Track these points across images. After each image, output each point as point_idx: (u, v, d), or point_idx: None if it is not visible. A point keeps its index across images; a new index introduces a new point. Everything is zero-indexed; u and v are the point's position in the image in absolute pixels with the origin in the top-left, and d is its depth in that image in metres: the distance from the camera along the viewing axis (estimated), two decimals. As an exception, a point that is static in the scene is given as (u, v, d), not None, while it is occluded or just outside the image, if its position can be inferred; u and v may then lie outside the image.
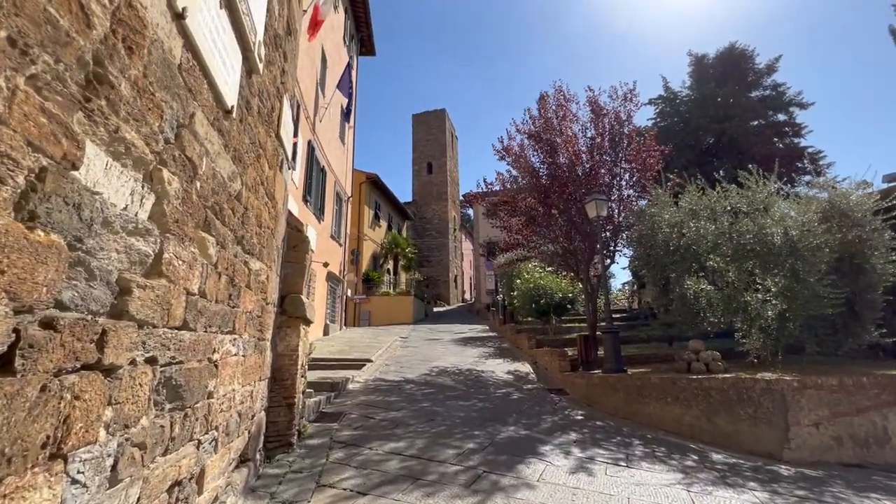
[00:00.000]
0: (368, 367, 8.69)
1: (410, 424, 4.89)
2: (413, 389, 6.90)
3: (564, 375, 7.88)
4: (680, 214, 7.62)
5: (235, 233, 2.44)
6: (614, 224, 9.44)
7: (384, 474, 3.36)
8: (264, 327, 3.32)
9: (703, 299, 7.32)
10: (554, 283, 12.21)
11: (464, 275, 41.92)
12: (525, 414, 5.77)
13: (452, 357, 10.43)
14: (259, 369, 3.20)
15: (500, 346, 12.37)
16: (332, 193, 14.85)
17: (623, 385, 6.38)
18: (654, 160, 9.37)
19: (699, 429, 5.47)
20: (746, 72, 19.52)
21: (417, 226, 36.92)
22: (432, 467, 3.56)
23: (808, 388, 5.27)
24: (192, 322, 1.83)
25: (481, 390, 7.10)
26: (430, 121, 38.57)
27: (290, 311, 3.96)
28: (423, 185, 37.82)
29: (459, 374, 8.49)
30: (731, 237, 7.03)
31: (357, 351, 10.54)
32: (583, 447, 4.42)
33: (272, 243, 3.43)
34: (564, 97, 10.04)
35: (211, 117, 1.94)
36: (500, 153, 10.38)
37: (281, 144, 3.62)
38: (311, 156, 12.21)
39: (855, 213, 6.65)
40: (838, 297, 6.33)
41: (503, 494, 3.06)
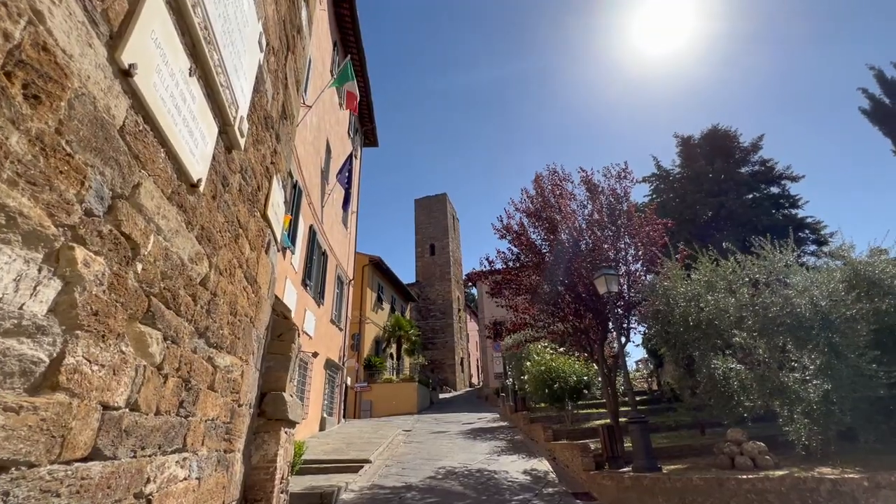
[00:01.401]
0: (366, 470, 7.69)
1: (412, 550, 4.03)
2: (416, 499, 5.96)
3: (589, 475, 6.89)
4: (695, 287, 7.22)
5: (196, 324, 2.07)
6: (625, 300, 9.00)
7: None
8: (234, 436, 2.79)
9: (734, 380, 6.65)
10: (567, 366, 11.40)
11: (470, 357, 40.30)
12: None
13: (461, 454, 9.34)
14: (222, 492, 2.61)
15: (512, 439, 11.20)
16: (333, 277, 14.65)
17: (661, 488, 5.47)
18: (658, 233, 9.22)
19: (761, 546, 4.53)
20: (732, 150, 20.36)
21: (421, 307, 36.35)
22: None
23: (882, 487, 4.44)
24: (110, 447, 1.38)
25: (494, 497, 6.12)
26: (432, 204, 39.88)
27: (269, 413, 3.42)
28: (426, 266, 37.98)
29: (469, 476, 7.47)
30: (756, 310, 6.55)
31: (355, 449, 9.49)
32: (625, 579, 3.55)
33: (250, 334, 3.03)
34: (559, 177, 10.21)
35: (167, 190, 1.68)
36: (501, 232, 10.30)
37: (269, 225, 3.39)
38: (313, 240, 12.20)
39: (885, 280, 6.24)
40: (890, 375, 5.68)
41: None
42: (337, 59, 15.22)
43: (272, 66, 3.24)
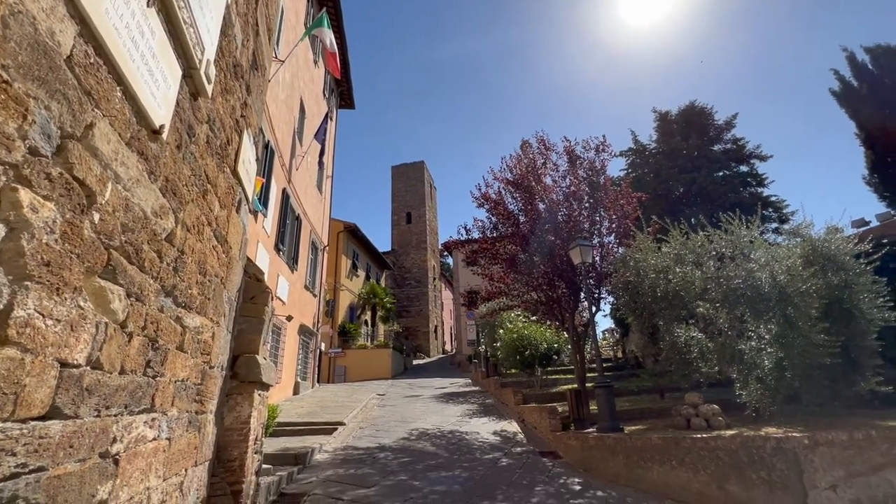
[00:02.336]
0: (340, 432, 7.82)
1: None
2: (389, 458, 6.12)
3: (556, 435, 7.23)
4: (665, 260, 7.45)
5: (163, 282, 1.96)
6: (597, 271, 9.23)
7: (350, 584, 2.68)
8: (205, 397, 2.73)
9: (694, 348, 6.99)
10: (538, 333, 11.73)
11: (444, 325, 40.96)
12: (516, 486, 5.09)
13: (433, 416, 9.61)
14: (194, 452, 2.58)
15: (484, 403, 11.58)
16: (307, 242, 14.36)
17: (622, 447, 5.80)
18: (632, 207, 9.39)
19: (710, 497, 4.90)
20: (707, 127, 20.70)
21: (396, 275, 36.36)
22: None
23: (820, 445, 4.84)
24: (71, 406, 1.31)
25: (466, 456, 6.37)
26: (409, 172, 39.23)
27: (242, 375, 3.37)
28: (403, 234, 37.74)
29: (441, 436, 7.71)
30: (719, 282, 6.84)
31: (329, 412, 9.61)
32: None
33: (221, 295, 2.93)
34: (545, 145, 10.16)
35: (126, 135, 1.54)
36: (479, 200, 10.26)
37: (239, 183, 3.22)
38: (286, 203, 11.83)
39: (839, 256, 6.59)
40: (834, 344, 6.10)
41: None
42: (312, 13, 14.34)
43: (241, 9, 2.99)
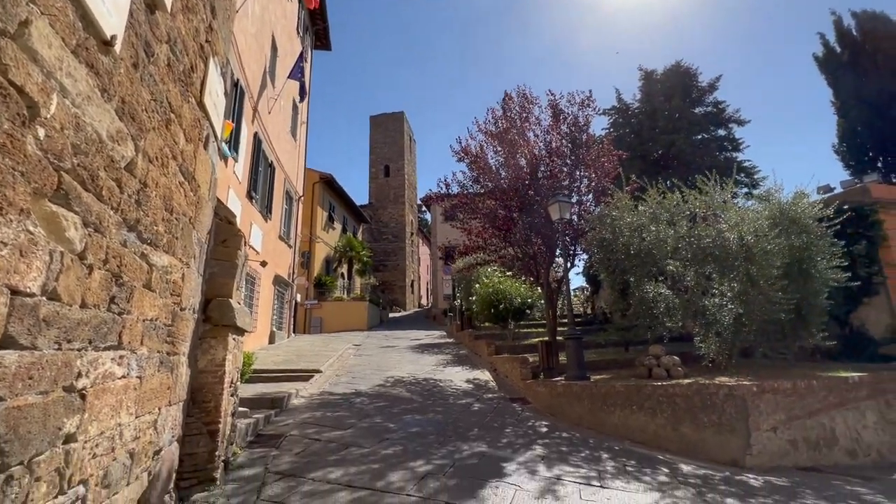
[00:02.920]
0: (317, 379, 7.96)
1: (361, 445, 4.31)
2: (365, 403, 6.30)
3: (526, 384, 7.58)
4: (641, 218, 7.58)
5: (124, 215, 1.83)
6: (574, 228, 9.35)
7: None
8: (177, 339, 2.67)
9: (661, 304, 7.28)
10: (513, 288, 11.98)
11: (421, 280, 41.37)
12: (487, 427, 5.36)
13: (408, 365, 9.88)
14: (167, 392, 2.55)
15: (458, 353, 11.96)
16: (281, 191, 13.89)
17: (588, 393, 6.14)
18: (612, 165, 9.40)
19: (665, 438, 5.30)
20: (690, 89, 20.57)
21: (374, 229, 36.02)
22: (387, 499, 3.04)
23: (766, 392, 5.25)
24: (27, 336, 1.23)
25: (439, 402, 6.62)
26: (388, 123, 37.90)
27: (215, 319, 3.31)
28: (380, 187, 37.01)
29: (416, 384, 7.97)
30: (691, 241, 7.05)
31: (305, 360, 9.73)
32: (551, 464, 4.06)
33: (190, 235, 2.80)
34: (527, 99, 9.89)
35: (71, 41, 1.36)
36: (459, 154, 10.05)
37: (206, 116, 2.99)
38: (258, 149, 11.28)
39: (803, 219, 6.86)
40: (790, 302, 6.48)
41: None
42: (283, -64, 13.03)
43: (202, -87, 2.65)
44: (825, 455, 5.43)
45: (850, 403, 5.89)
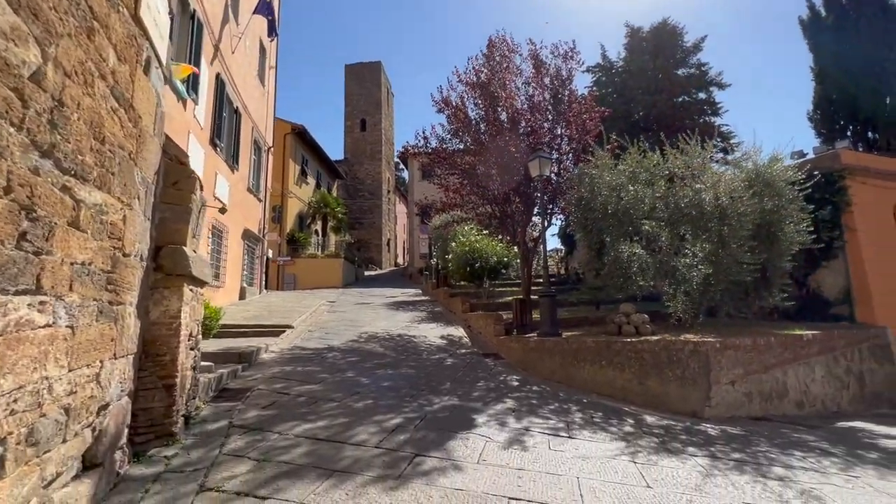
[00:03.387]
0: (288, 335, 7.82)
1: (331, 399, 4.25)
2: (337, 358, 6.23)
3: (499, 340, 7.67)
4: (620, 177, 7.49)
5: (33, 136, 1.54)
6: (553, 186, 9.22)
7: (285, 466, 2.71)
8: (120, 287, 2.43)
9: (635, 263, 7.35)
10: (490, 247, 11.94)
11: (397, 238, 41.07)
12: (459, 381, 5.40)
13: (383, 322, 9.85)
14: (111, 344, 2.34)
15: (432, 311, 12.01)
16: (248, 140, 13.10)
17: (559, 349, 6.24)
18: (594, 122, 9.19)
19: (631, 391, 5.48)
20: (675, 49, 20.16)
21: (349, 185, 35.06)
22: (348, 452, 2.98)
23: (728, 348, 5.44)
24: None
25: (412, 357, 6.62)
26: (365, 73, 36.01)
27: (168, 268, 3.05)
28: (356, 142, 35.68)
29: (390, 339, 7.95)
30: (668, 201, 7.05)
31: (277, 316, 9.54)
32: (521, 416, 4.11)
33: (131, 173, 2.48)
34: (508, 48, 9.41)
35: None
36: (439, 104, 9.59)
37: (145, 35, 2.59)
38: (221, 92, 10.46)
39: (777, 182, 6.92)
40: (757, 263, 6.64)
41: (429, 481, 2.58)
42: None
43: None
44: (776, 406, 5.76)
45: (803, 359, 6.21)
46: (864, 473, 3.21)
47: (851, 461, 3.51)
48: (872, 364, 7.07)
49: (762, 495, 2.65)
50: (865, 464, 3.47)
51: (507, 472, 2.77)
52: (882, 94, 15.82)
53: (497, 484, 2.58)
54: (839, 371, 6.55)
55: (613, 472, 2.85)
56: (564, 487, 2.57)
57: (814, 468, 3.24)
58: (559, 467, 2.90)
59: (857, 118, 16.58)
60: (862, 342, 7.05)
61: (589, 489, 2.58)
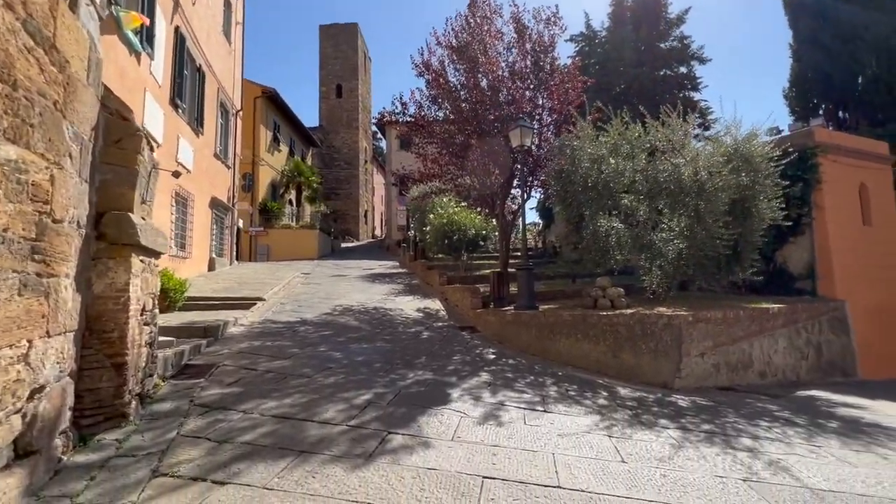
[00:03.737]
0: (259, 307, 7.56)
1: (300, 374, 4.10)
2: (310, 332, 6.05)
3: (476, 313, 7.62)
4: (601, 149, 7.37)
5: None
6: (533, 157, 9.04)
7: (247, 447, 2.56)
8: (51, 257, 2.15)
9: (613, 237, 7.34)
10: (468, 219, 11.77)
11: (374, 210, 40.41)
12: (435, 355, 5.32)
13: (358, 294, 9.67)
14: (42, 321, 2.08)
15: (409, 283, 11.88)
16: (214, 102, 12.30)
17: (536, 322, 6.23)
18: (577, 92, 8.97)
19: (605, 364, 5.53)
20: (659, 20, 19.86)
21: (324, 154, 33.94)
22: (315, 430, 2.85)
23: (700, 321, 5.52)
24: None
25: (388, 330, 6.51)
26: (340, 35, 34.27)
27: (112, 236, 2.75)
28: (332, 109, 34.31)
29: (365, 312, 7.80)
30: (647, 175, 6.98)
31: (248, 288, 9.22)
32: (496, 390, 4.07)
33: (58, 126, 2.16)
34: (490, 8, 8.97)
35: None
36: (420, 68, 9.15)
37: (69, -36, 2.21)
38: (181, 47, 9.66)
39: (755, 158, 6.93)
40: (731, 238, 6.71)
41: (400, 460, 2.48)
42: None
43: None
44: (741, 376, 5.94)
45: (768, 331, 6.40)
46: (826, 443, 3.30)
47: (814, 431, 3.62)
48: (830, 336, 7.38)
49: (732, 467, 2.67)
50: (827, 433, 3.58)
51: (481, 449, 2.70)
52: (855, 75, 16.07)
53: (471, 462, 2.50)
54: (800, 342, 6.80)
55: (589, 448, 2.83)
56: (540, 465, 2.52)
57: (779, 438, 3.32)
58: (535, 443, 2.85)
59: (831, 97, 16.85)
60: (822, 315, 7.33)
61: (564, 465, 2.53)
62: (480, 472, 2.39)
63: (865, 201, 11.07)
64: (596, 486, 2.30)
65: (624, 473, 2.46)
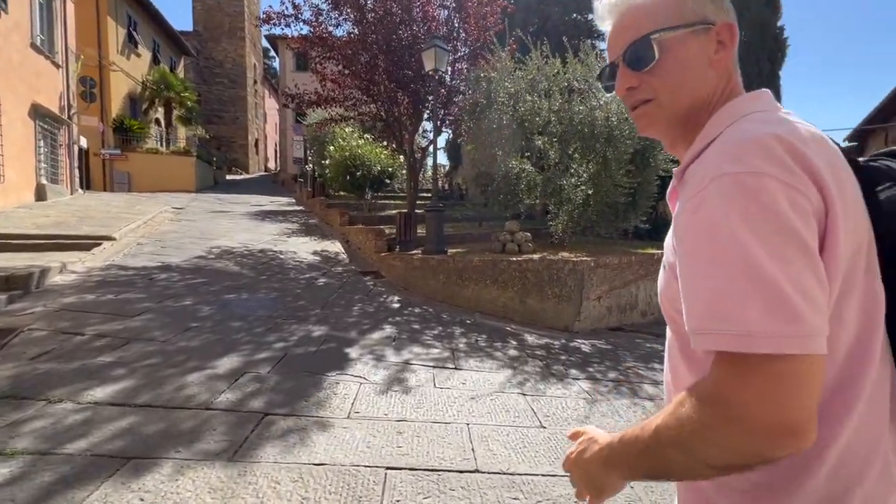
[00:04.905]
0: (105, 249, 6.03)
1: (151, 338, 3.18)
2: (173, 280, 4.93)
3: (380, 256, 7.02)
4: (519, 84, 6.89)
5: None
6: (446, 89, 8.26)
7: (52, 457, 1.77)
8: None
9: (524, 181, 7.14)
10: (373, 154, 10.73)
11: (268, 140, 36.13)
12: (331, 305, 4.68)
13: (243, 234, 8.37)
14: None
15: (306, 222, 10.73)
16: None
17: (444, 267, 5.86)
18: (495, 18, 8.22)
19: (512, 309, 5.43)
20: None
21: (203, 68, 28.68)
22: (160, 422, 2.13)
23: (600, 267, 5.65)
24: None
25: (277, 277, 5.63)
26: (217, -87, 27.85)
27: None
28: (210, 12, 28.56)
29: (249, 255, 6.72)
30: (563, 116, 6.74)
31: (91, 224, 7.37)
32: (402, 346, 3.63)
33: None
34: None
35: None
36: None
37: None
38: None
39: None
40: (632, 186, 6.91)
41: (278, 456, 1.93)
42: None
43: None
44: (627, 316, 6.34)
45: (652, 275, 6.88)
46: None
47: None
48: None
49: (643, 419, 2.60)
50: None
51: (384, 427, 2.24)
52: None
53: (372, 447, 2.03)
54: (679, 284, 7.49)
55: (505, 412, 2.54)
56: (454, 441, 2.15)
57: (674, 382, 3.43)
58: (447, 412, 2.48)
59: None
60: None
61: (481, 439, 2.20)
62: (383, 461, 1.93)
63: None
64: (517, 463, 2.00)
65: (544, 443, 2.21)
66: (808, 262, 0.41)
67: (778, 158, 0.42)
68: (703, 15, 0.55)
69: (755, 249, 0.40)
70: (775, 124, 0.47)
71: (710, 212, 0.43)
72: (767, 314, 0.39)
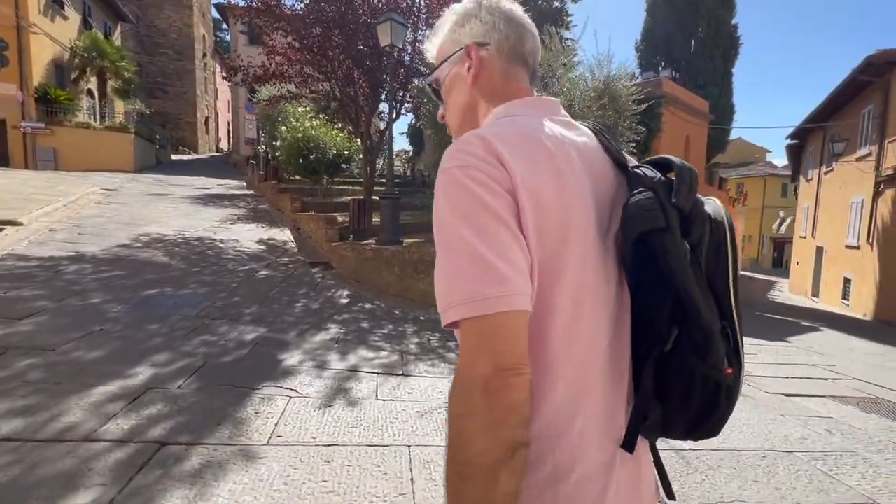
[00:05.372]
0: (6, 236, 5.24)
1: (39, 347, 2.67)
2: (84, 273, 4.30)
3: (332, 246, 6.57)
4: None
5: None
6: (405, 69, 7.79)
7: None
8: None
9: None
10: (328, 136, 10.10)
11: (219, 118, 33.98)
12: (271, 301, 4.24)
13: (180, 220, 7.63)
14: None
15: (255, 208, 10.02)
16: None
17: (399, 259, 5.51)
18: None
19: (470, 304, 5.20)
20: (542, -58, 19.02)
21: (144, 37, 26.38)
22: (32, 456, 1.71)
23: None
24: None
25: (211, 268, 5.08)
26: None
27: None
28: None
29: (184, 244, 6.08)
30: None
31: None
32: (347, 350, 3.29)
33: None
34: None
35: None
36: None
37: None
38: None
39: (623, 98, 6.95)
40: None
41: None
42: None
43: None
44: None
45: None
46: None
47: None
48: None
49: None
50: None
51: (309, 455, 1.90)
52: (690, 38, 17.88)
53: (290, 484, 1.70)
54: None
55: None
56: (391, 470, 1.85)
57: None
58: (386, 431, 2.17)
59: (672, 56, 18.65)
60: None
61: (423, 465, 1.91)
62: (301, 502, 1.60)
63: (687, 153, 12.66)
64: (462, 496, 1.73)
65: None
66: (503, 228, 0.47)
67: (472, 153, 0.50)
68: (461, 43, 0.65)
69: (461, 229, 0.47)
70: (493, 127, 0.55)
71: (435, 204, 0.51)
72: (479, 282, 0.45)
